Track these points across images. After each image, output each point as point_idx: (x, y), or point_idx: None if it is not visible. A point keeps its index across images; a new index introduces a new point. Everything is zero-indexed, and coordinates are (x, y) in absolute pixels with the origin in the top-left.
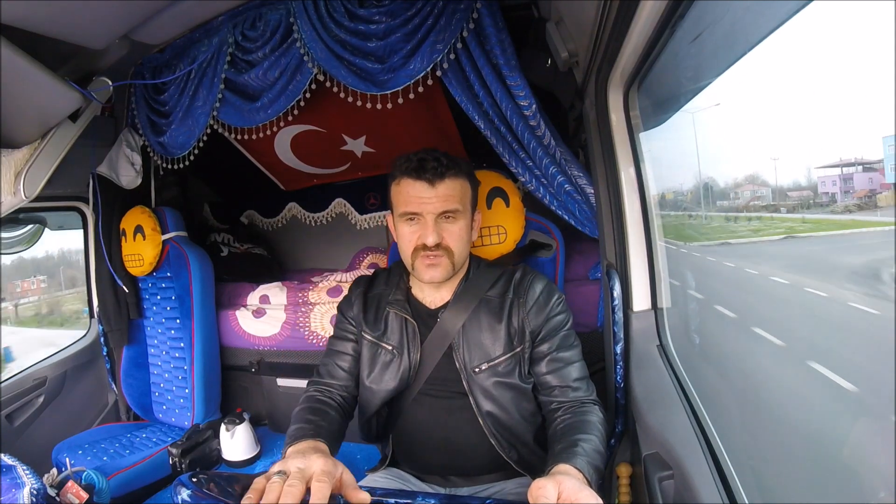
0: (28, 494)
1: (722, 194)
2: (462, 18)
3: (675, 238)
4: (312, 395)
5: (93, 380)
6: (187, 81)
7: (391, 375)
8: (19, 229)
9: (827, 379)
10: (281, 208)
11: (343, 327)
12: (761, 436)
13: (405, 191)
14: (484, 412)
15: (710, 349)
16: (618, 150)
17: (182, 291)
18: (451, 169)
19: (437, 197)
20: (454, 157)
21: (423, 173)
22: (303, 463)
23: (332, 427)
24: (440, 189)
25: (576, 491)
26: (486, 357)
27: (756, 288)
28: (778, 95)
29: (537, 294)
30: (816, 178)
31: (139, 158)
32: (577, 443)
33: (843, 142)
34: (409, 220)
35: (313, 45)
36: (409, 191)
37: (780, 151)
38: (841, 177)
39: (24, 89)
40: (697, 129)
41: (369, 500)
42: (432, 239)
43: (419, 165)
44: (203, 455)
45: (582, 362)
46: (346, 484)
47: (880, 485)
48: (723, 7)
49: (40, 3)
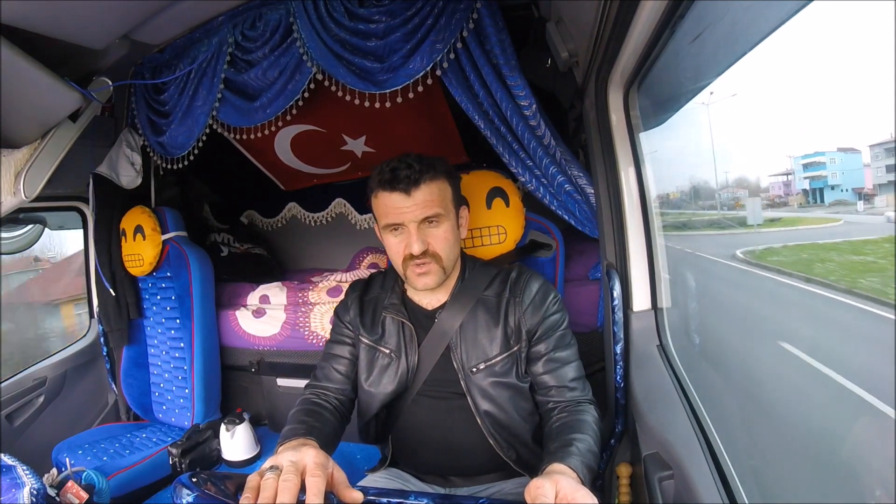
0: (28, 494)
1: (709, 195)
2: (462, 18)
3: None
4: (308, 398)
5: (93, 380)
6: (187, 81)
7: (389, 378)
8: (19, 229)
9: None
10: (281, 208)
11: (339, 331)
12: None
13: (383, 203)
14: (482, 412)
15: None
16: (618, 150)
17: (182, 291)
18: (426, 173)
19: (416, 205)
20: (428, 158)
21: (397, 184)
22: (294, 456)
23: (327, 429)
24: (417, 196)
25: (573, 490)
26: (484, 357)
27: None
28: (758, 98)
29: (533, 293)
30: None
31: (139, 158)
32: (572, 442)
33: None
34: (392, 231)
35: (313, 45)
36: (387, 203)
37: (759, 153)
38: (784, 182)
39: (24, 89)
40: (691, 129)
41: (362, 499)
42: (417, 247)
43: (392, 176)
44: (203, 455)
45: (578, 362)
46: (337, 481)
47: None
48: (723, 7)
49: (40, 3)
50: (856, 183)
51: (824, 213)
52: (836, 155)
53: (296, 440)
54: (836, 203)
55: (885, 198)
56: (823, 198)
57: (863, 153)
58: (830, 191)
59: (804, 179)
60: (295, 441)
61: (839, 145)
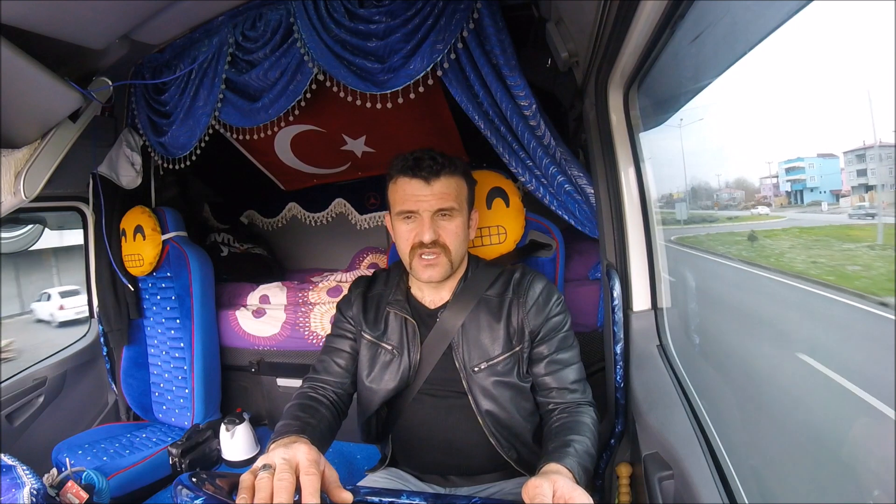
0: (28, 494)
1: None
2: (462, 18)
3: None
4: (305, 391)
5: (93, 380)
6: (188, 82)
7: (391, 375)
8: (19, 229)
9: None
10: (281, 208)
11: (341, 325)
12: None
13: (401, 189)
14: (483, 411)
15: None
16: (618, 150)
17: (182, 291)
18: (447, 167)
19: (433, 194)
20: (450, 156)
21: (419, 171)
22: (287, 453)
23: (322, 425)
24: (436, 187)
25: (569, 490)
26: (486, 356)
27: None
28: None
29: (537, 294)
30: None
31: (139, 158)
32: (570, 443)
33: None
34: (406, 219)
35: (313, 45)
36: (406, 189)
37: (751, 154)
38: (774, 184)
39: (24, 89)
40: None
41: (352, 500)
42: (429, 236)
43: (415, 164)
44: (203, 455)
45: (579, 364)
46: (328, 480)
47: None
48: (723, 7)
49: (40, 3)
50: (834, 185)
51: (795, 212)
52: (815, 160)
53: (287, 437)
54: (813, 203)
55: (850, 199)
56: (803, 199)
57: (839, 158)
58: (809, 192)
59: (787, 182)
60: (286, 438)
61: (819, 151)
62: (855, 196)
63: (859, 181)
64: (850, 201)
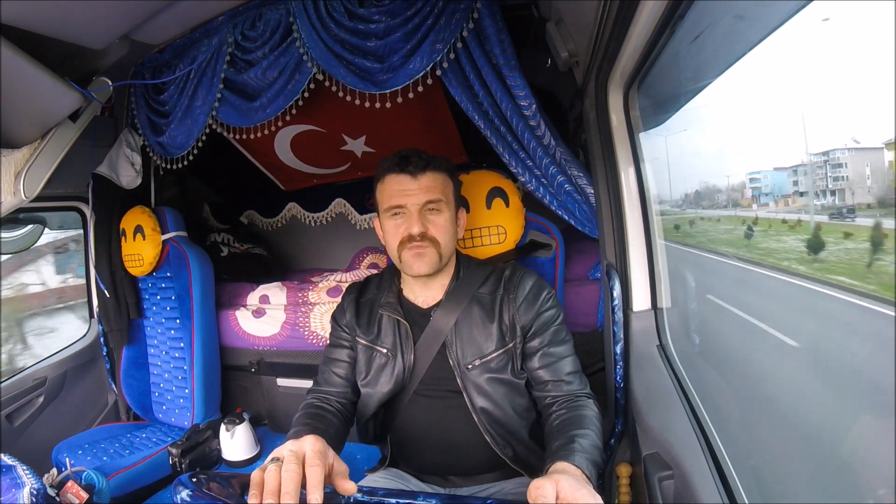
0: (28, 494)
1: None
2: (462, 18)
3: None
4: (311, 402)
5: (93, 380)
6: (187, 81)
7: (386, 378)
8: (19, 229)
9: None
10: (281, 208)
11: (337, 335)
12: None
13: (389, 186)
14: (478, 408)
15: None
16: (618, 150)
17: (182, 291)
18: (432, 164)
19: (420, 188)
20: (434, 156)
21: (406, 167)
22: (295, 446)
23: (331, 430)
24: (422, 181)
25: (573, 490)
26: (479, 353)
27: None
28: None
29: (527, 290)
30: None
31: (139, 158)
32: (575, 439)
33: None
34: (394, 215)
35: (312, 45)
36: (393, 185)
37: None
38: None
39: (24, 89)
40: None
41: (355, 489)
42: (417, 228)
43: (401, 161)
44: (203, 455)
45: (574, 357)
46: (335, 472)
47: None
48: (723, 7)
49: (40, 3)
50: (784, 192)
51: (745, 212)
52: (769, 172)
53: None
54: (762, 205)
55: (774, 203)
56: (760, 201)
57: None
58: (764, 196)
59: (749, 188)
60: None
61: (775, 165)
62: (788, 199)
63: (794, 188)
64: (784, 203)
